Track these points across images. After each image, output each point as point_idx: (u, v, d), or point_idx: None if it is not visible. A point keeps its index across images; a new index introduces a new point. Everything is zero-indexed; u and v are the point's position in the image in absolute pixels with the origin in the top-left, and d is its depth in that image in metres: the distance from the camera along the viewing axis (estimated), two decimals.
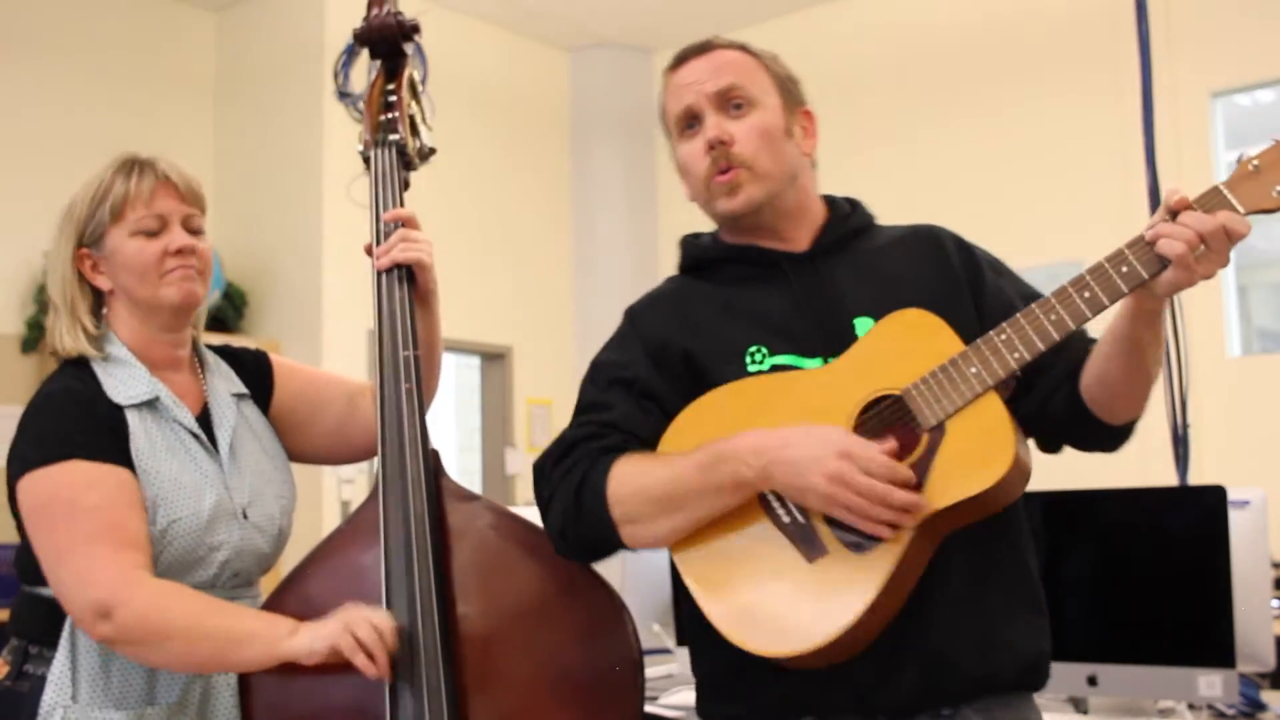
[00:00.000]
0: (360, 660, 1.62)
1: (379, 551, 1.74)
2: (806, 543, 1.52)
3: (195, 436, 1.82)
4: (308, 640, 1.65)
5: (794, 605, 1.52)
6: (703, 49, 1.78)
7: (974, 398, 1.50)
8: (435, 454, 1.83)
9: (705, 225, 1.86)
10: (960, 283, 1.70)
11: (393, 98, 2.04)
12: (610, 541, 1.63)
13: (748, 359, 1.65)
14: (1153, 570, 2.41)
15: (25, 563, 1.76)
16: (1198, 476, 3.42)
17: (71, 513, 1.66)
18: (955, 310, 1.63)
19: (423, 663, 1.67)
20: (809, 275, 1.70)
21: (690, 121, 1.73)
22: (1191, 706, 2.49)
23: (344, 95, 2.20)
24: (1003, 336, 1.50)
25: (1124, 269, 1.45)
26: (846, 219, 1.77)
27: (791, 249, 1.73)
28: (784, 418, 1.55)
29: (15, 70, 6.04)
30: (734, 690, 1.64)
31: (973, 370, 1.50)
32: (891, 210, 1.90)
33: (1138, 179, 3.59)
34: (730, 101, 1.71)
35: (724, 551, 1.57)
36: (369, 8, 2.07)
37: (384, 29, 2.06)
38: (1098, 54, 6.03)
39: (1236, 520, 2.37)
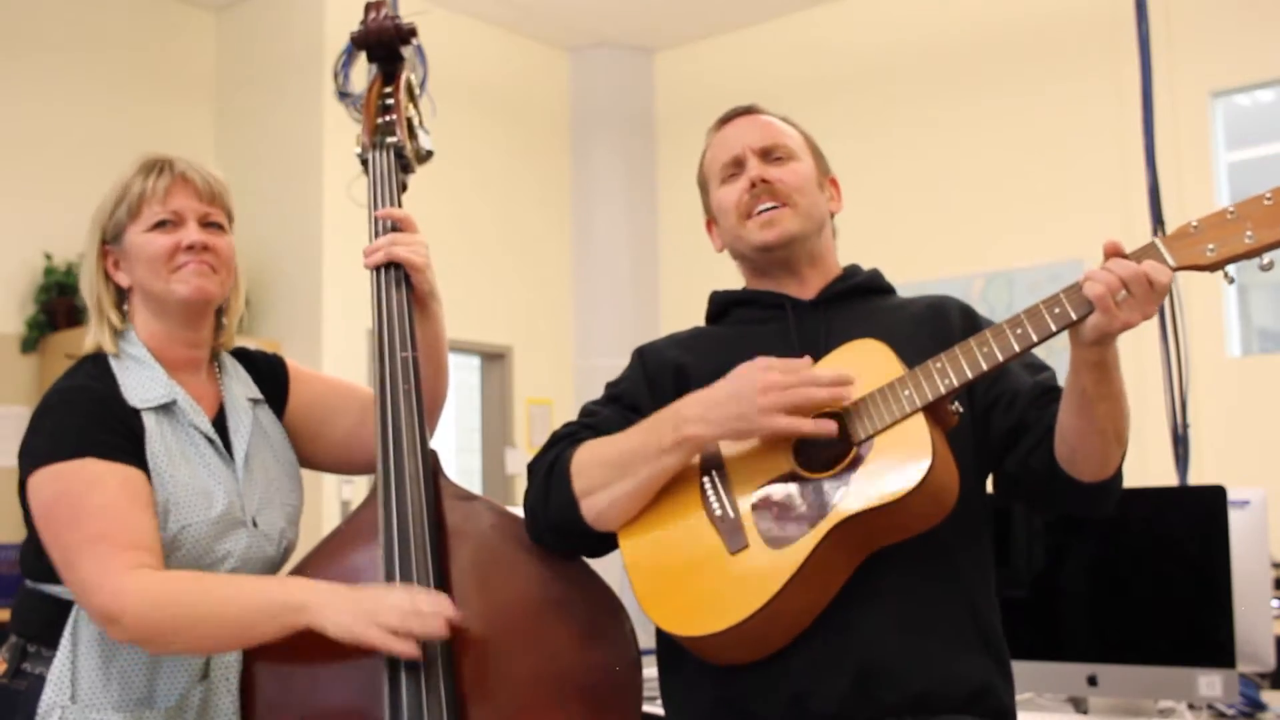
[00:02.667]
0: (397, 646, 1.61)
1: (378, 551, 1.74)
2: (731, 535, 1.60)
3: (210, 442, 1.82)
4: (326, 619, 1.63)
5: (707, 592, 1.60)
6: (748, 111, 1.92)
7: (902, 417, 1.57)
8: (434, 454, 1.83)
9: (701, 216, 1.96)
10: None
11: (390, 101, 2.05)
12: (574, 519, 1.69)
13: None
14: (1153, 570, 2.41)
15: (30, 558, 1.76)
16: (1198, 476, 3.42)
17: (77, 513, 1.66)
18: None
19: (424, 660, 1.66)
20: (811, 320, 1.80)
21: (734, 170, 1.86)
22: (1191, 706, 2.49)
23: (344, 95, 2.20)
24: (938, 365, 1.57)
25: (1056, 310, 1.52)
26: (856, 276, 1.87)
27: (801, 295, 1.83)
28: None
29: (15, 70, 6.04)
30: (671, 688, 1.74)
31: (905, 393, 1.58)
32: (892, 209, 1.93)
33: (1138, 179, 3.60)
34: (773, 155, 1.85)
35: (659, 540, 1.67)
36: (366, 12, 2.08)
37: (381, 33, 2.07)
38: (1097, 54, 6.03)
39: (1236, 520, 2.37)
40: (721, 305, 1.91)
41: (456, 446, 7.26)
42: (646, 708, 2.70)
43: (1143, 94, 3.57)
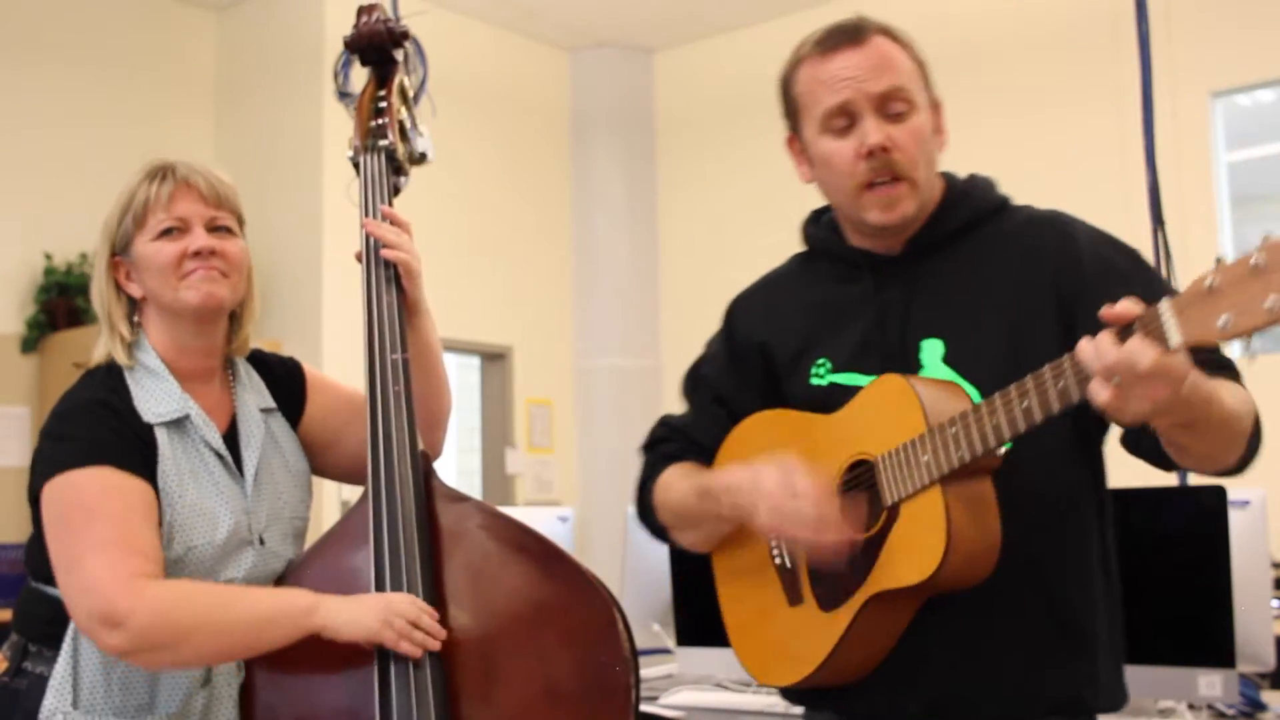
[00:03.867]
0: (406, 647, 1.65)
1: (370, 553, 1.74)
2: (791, 587, 1.64)
3: (221, 458, 1.80)
4: (337, 623, 1.65)
5: (774, 642, 1.66)
6: (856, 37, 1.62)
7: (922, 488, 1.48)
8: (425, 456, 1.83)
9: (702, 221, 1.88)
10: (1046, 309, 1.58)
11: (383, 104, 2.05)
12: (670, 541, 1.83)
13: (812, 372, 1.68)
14: (1153, 570, 2.41)
15: (37, 558, 1.75)
16: (1198, 476, 3.41)
17: (89, 519, 1.65)
18: (1027, 343, 1.55)
19: (413, 662, 1.67)
20: (894, 284, 1.65)
21: (844, 119, 1.60)
22: (1191, 706, 2.49)
23: (344, 95, 2.20)
24: (954, 430, 1.45)
25: (1060, 384, 1.34)
26: (952, 214, 1.66)
27: (889, 249, 1.66)
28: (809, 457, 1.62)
29: (15, 70, 6.04)
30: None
31: (925, 459, 1.47)
32: None
33: (1138, 179, 3.60)
34: (892, 107, 1.60)
35: (738, 573, 1.74)
36: (358, 15, 2.09)
37: (373, 36, 2.08)
38: (1097, 54, 6.03)
39: (1236, 520, 2.37)
40: (811, 246, 1.77)
41: (456, 446, 7.25)
42: (647, 708, 2.71)
43: (1143, 94, 3.57)
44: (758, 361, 1.74)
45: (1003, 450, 1.48)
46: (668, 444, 1.82)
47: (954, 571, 1.47)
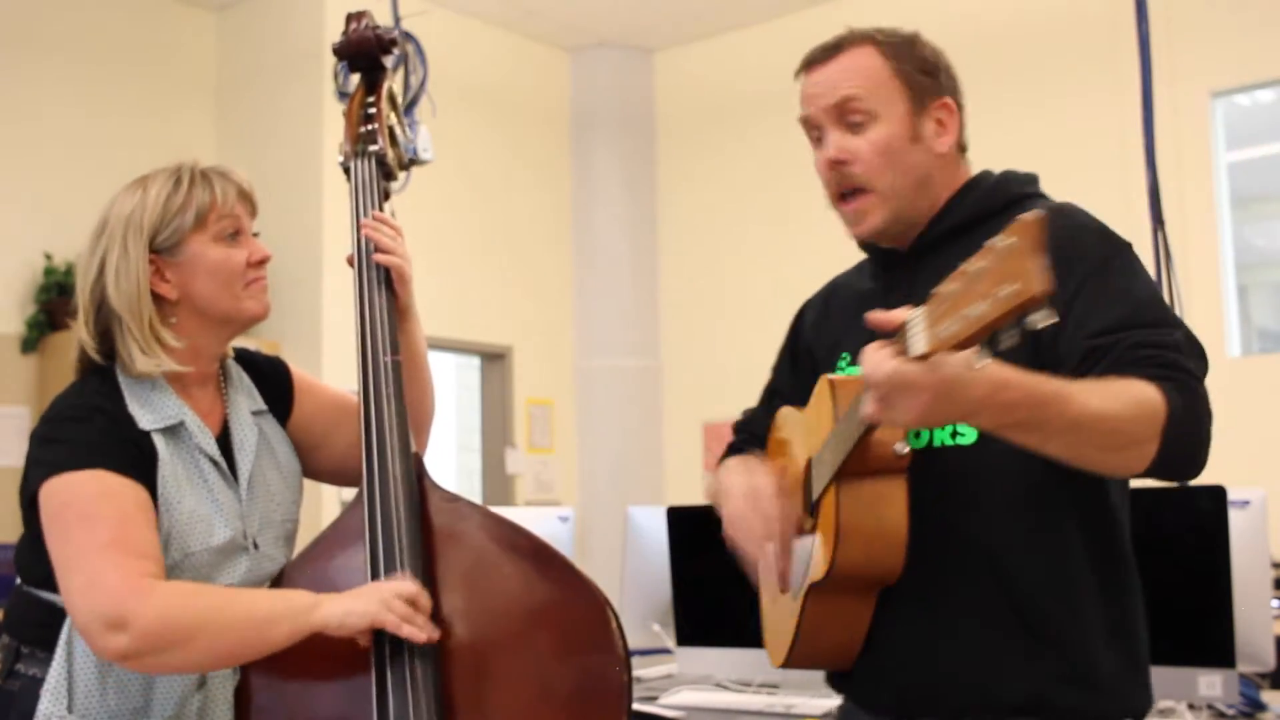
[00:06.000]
0: (408, 631, 1.64)
1: (364, 554, 1.74)
2: (781, 576, 1.69)
3: (215, 465, 1.79)
4: (339, 613, 1.64)
5: (769, 627, 1.78)
6: (828, 53, 1.67)
7: (825, 486, 1.52)
8: (418, 457, 1.83)
9: (702, 221, 1.91)
10: None
11: (372, 110, 2.06)
12: None
13: (836, 367, 1.73)
14: (1153, 570, 2.40)
15: (27, 561, 1.75)
16: (1197, 476, 3.41)
17: (92, 519, 1.64)
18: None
19: (409, 663, 1.67)
20: (901, 279, 1.66)
21: (814, 133, 1.68)
22: (1191, 706, 2.49)
23: (344, 95, 2.21)
24: (829, 440, 1.51)
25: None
26: (957, 209, 1.66)
27: (899, 244, 1.68)
28: (793, 453, 1.71)
29: (15, 70, 6.04)
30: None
31: (826, 457, 1.52)
32: None
33: (1138, 179, 3.60)
34: (848, 115, 1.62)
35: (763, 564, 1.78)
36: (347, 22, 2.10)
37: (362, 43, 2.09)
38: (1098, 54, 6.03)
39: (1236, 520, 2.37)
40: (860, 245, 1.78)
41: (456, 446, 7.26)
42: (648, 708, 2.71)
43: (1143, 94, 3.57)
44: (809, 364, 1.81)
45: (904, 450, 1.46)
46: (737, 435, 1.93)
47: (854, 566, 1.50)
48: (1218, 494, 2.34)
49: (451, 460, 7.22)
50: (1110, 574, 1.57)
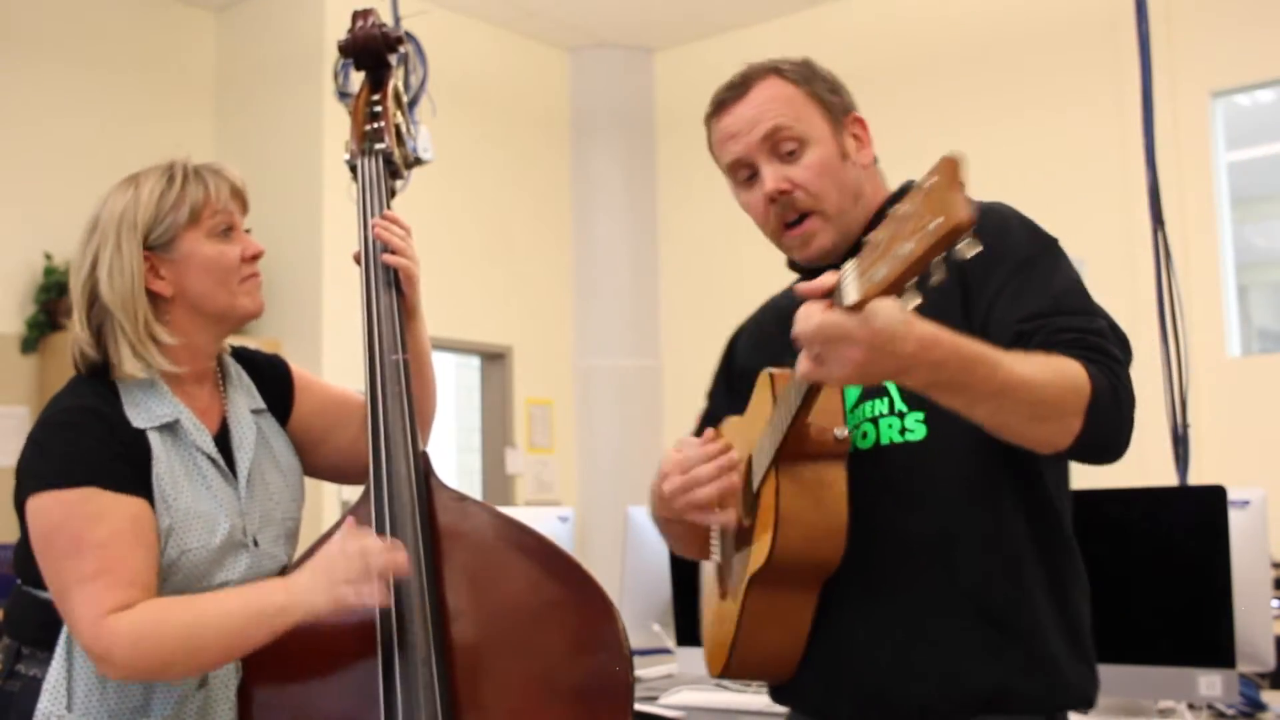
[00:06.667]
0: (368, 598, 1.64)
1: None
2: (722, 580, 1.67)
3: (213, 462, 1.78)
4: (303, 607, 1.65)
5: (709, 634, 1.74)
6: (738, 91, 1.69)
7: (765, 474, 1.51)
8: (425, 456, 1.83)
9: (702, 221, 1.90)
10: (951, 303, 1.54)
11: (378, 108, 2.06)
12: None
13: None
14: (1153, 570, 2.41)
15: (24, 562, 1.74)
16: (1198, 476, 3.42)
17: (78, 546, 1.63)
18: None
19: (416, 662, 1.67)
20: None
21: (745, 172, 1.68)
22: (1191, 706, 2.49)
23: (344, 95, 2.22)
24: (768, 428, 1.50)
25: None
26: (873, 222, 1.65)
27: (817, 261, 1.67)
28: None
29: (15, 70, 6.04)
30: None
31: (766, 444, 1.51)
32: None
33: (1138, 179, 3.60)
34: (780, 145, 1.64)
35: (706, 568, 1.81)
36: (353, 20, 2.10)
37: (368, 41, 2.08)
38: (1098, 54, 6.03)
39: (1236, 520, 2.37)
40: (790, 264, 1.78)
41: (456, 446, 7.26)
42: (647, 708, 2.71)
43: (1143, 94, 3.57)
44: (743, 385, 1.75)
45: (843, 434, 1.49)
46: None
47: (795, 553, 1.49)
48: (1218, 494, 2.34)
49: (451, 460, 7.22)
50: (1055, 563, 1.58)
